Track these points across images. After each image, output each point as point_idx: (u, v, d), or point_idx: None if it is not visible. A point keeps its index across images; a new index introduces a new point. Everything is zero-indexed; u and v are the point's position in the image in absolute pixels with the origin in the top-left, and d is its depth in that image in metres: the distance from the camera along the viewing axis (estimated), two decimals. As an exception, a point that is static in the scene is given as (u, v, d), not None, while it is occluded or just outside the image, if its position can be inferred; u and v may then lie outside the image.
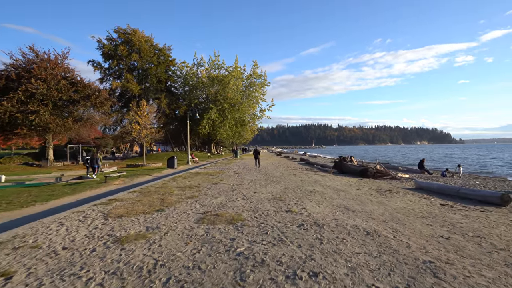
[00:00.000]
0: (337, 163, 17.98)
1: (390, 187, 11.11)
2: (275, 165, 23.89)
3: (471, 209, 6.87)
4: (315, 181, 11.46)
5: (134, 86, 38.29)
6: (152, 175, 17.69)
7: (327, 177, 13.64)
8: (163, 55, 44.29)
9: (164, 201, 7.41)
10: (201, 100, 49.97)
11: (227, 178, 12.79)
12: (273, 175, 13.70)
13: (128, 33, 40.07)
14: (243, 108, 46.16)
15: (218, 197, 7.85)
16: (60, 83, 28.29)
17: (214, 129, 44.97)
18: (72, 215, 6.18)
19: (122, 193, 9.12)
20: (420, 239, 4.08)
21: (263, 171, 16.46)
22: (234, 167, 20.13)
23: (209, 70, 45.87)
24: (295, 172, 15.98)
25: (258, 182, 11.11)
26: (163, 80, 43.88)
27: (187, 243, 4.12)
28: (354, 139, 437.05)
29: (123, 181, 15.20)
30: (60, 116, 30.09)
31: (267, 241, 4.10)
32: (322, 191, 8.58)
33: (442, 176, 17.73)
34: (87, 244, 4.18)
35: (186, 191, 9.14)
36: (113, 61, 39.24)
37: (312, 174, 15.08)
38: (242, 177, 12.90)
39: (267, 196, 7.87)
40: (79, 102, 30.76)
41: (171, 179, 13.02)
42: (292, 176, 13.51)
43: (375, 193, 8.85)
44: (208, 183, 11.05)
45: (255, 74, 47.34)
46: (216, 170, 17.33)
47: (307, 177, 13.01)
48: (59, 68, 29.64)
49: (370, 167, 15.10)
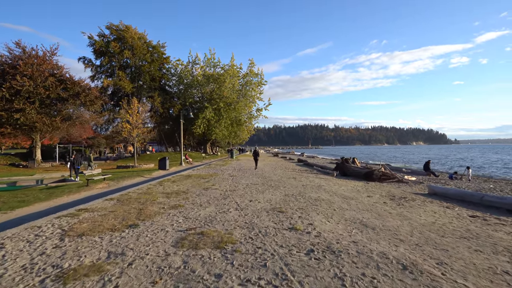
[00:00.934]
0: (339, 165, 16.87)
1: (401, 192, 9.99)
2: (272, 166, 22.73)
3: (509, 222, 5.75)
4: (318, 186, 10.31)
5: (127, 84, 36.93)
6: (141, 178, 16.46)
7: (330, 181, 12.51)
8: (156, 53, 42.96)
9: (143, 212, 6.20)
10: (196, 99, 48.64)
11: (220, 182, 11.60)
12: (271, 179, 12.54)
13: (121, 30, 38.74)
14: (239, 107, 44.92)
15: (207, 207, 6.66)
16: (48, 80, 26.96)
17: (210, 129, 43.69)
18: (23, 232, 4.95)
19: (97, 201, 7.89)
20: (480, 278, 2.93)
21: (259, 174, 15.29)
22: (229, 169, 18.95)
23: (204, 68, 44.59)
24: (295, 175, 14.83)
25: (255, 187, 9.93)
26: (157, 78, 42.54)
27: (155, 283, 2.94)
28: (350, 139, 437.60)
29: (108, 184, 13.98)
30: (48, 114, 28.73)
31: (266, 280, 2.93)
32: (329, 199, 7.42)
33: (450, 179, 16.69)
34: (15, 285, 2.97)
35: (171, 198, 7.94)
36: (104, 58, 37.83)
37: (313, 177, 13.94)
38: (237, 181, 11.72)
39: (265, 205, 6.70)
40: (68, 100, 29.42)
41: (158, 182, 11.81)
42: (292, 179, 12.36)
43: (389, 202, 7.71)
44: (199, 188, 9.85)
45: (251, 73, 46.11)
46: (209, 173, 16.13)
47: (309, 181, 11.87)
48: (47, 64, 28.28)
49: (376, 170, 14.00)
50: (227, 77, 41.99)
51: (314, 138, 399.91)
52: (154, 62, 41.77)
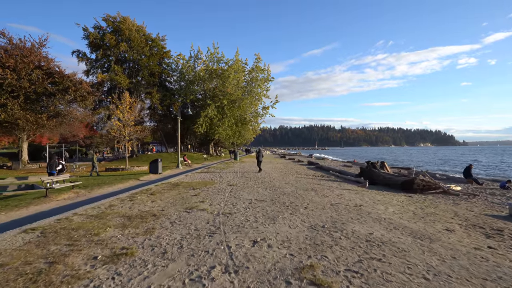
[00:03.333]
0: (365, 170, 13.70)
1: (472, 215, 6.79)
2: (281, 170, 19.62)
3: None
4: (355, 206, 7.14)
5: (123, 79, 34.16)
6: (122, 184, 13.50)
7: (364, 194, 9.32)
8: (156, 46, 40.21)
9: (48, 275, 3.17)
10: (198, 96, 45.70)
11: (213, 195, 8.53)
12: (282, 191, 9.44)
13: (118, 22, 36.04)
14: (244, 105, 41.79)
15: (174, 259, 3.59)
16: (34, 73, 24.32)
17: (212, 128, 40.68)
18: None
19: (11, 232, 4.91)
20: None
21: (267, 182, 12.19)
22: (229, 174, 15.90)
23: (207, 63, 41.62)
24: (313, 184, 11.68)
25: (261, 207, 6.84)
26: (156, 73, 39.78)
27: None
28: (357, 140, 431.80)
29: (77, 194, 11.08)
30: (34, 111, 26.12)
31: None
32: (393, 243, 4.23)
33: (502, 188, 13.41)
34: None
35: (127, 230, 4.90)
36: (99, 51, 35.11)
37: (338, 188, 10.79)
38: (237, 195, 8.63)
39: (282, 257, 3.61)
40: (55, 96, 26.78)
41: (132, 195, 8.80)
42: (312, 192, 9.22)
43: (493, 242, 4.57)
44: (180, 206, 6.81)
45: (257, 69, 42.94)
46: (205, 179, 13.09)
47: (336, 196, 8.73)
48: (34, 56, 25.56)
49: (417, 178, 10.81)
50: (232, 72, 38.96)
51: (320, 139, 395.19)
52: (153, 56, 39.01)
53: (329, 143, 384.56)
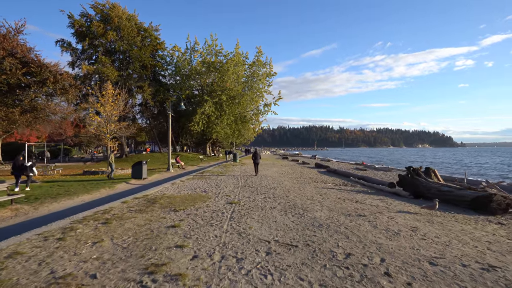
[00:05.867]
0: (406, 179, 10.44)
1: None
2: (291, 176, 16.35)
3: None
4: (476, 261, 3.93)
5: (110, 71, 30.66)
6: (87, 196, 10.17)
7: (445, 224, 6.06)
8: (149, 37, 36.79)
9: None
10: (195, 92, 42.31)
11: (202, 230, 5.18)
12: (313, 217, 6.14)
13: (107, 9, 32.60)
14: (245, 101, 38.42)
15: None
16: (6, 61, 20.95)
17: (210, 126, 37.30)
18: None
19: None
20: None
21: (281, 196, 8.89)
22: (228, 182, 12.60)
23: (204, 55, 38.26)
24: (349, 203, 8.35)
25: (295, 272, 3.57)
26: (149, 66, 36.34)
27: None
28: (355, 141, 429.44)
29: (15, 212, 7.85)
30: (6, 104, 22.83)
31: None
32: None
33: None
34: None
35: None
36: (85, 40, 31.66)
37: (388, 209, 7.52)
38: (243, 229, 5.27)
39: None
40: (31, 87, 23.47)
41: (72, 224, 5.46)
42: (365, 223, 5.75)
43: None
44: (136, 263, 3.50)
45: (259, 63, 39.61)
46: (195, 191, 9.77)
47: (406, 228, 5.41)
48: (8, 43, 22.15)
49: (498, 194, 7.60)
50: (231, 66, 35.60)
51: (319, 140, 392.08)
52: (146, 47, 35.55)
53: (327, 143, 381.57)
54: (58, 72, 24.43)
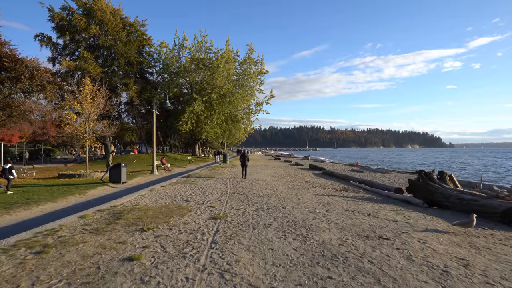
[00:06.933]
0: (417, 184, 9.21)
1: None
2: (285, 180, 15.00)
3: None
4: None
5: (93, 68, 28.71)
6: (50, 204, 8.57)
7: (494, 250, 4.81)
8: (135, 32, 34.97)
9: None
10: (183, 90, 40.63)
11: (170, 267, 3.82)
12: (321, 241, 4.79)
13: (89, 2, 30.68)
14: (236, 100, 36.93)
15: None
16: (-27, 55, 19.10)
17: (199, 125, 35.68)
18: None
19: None
20: None
21: (277, 208, 7.54)
22: (216, 188, 11.16)
23: (193, 52, 36.62)
24: (361, 217, 7.08)
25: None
26: (134, 62, 34.49)
27: None
28: (346, 141, 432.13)
29: None
30: (-25, 102, 20.92)
31: None
32: None
33: None
34: None
35: None
36: (65, 35, 29.71)
37: (412, 227, 6.26)
38: (227, 264, 3.90)
39: None
40: (3, 84, 21.59)
41: None
42: (394, 252, 4.48)
43: None
44: None
45: (250, 60, 38.20)
46: (175, 201, 8.30)
47: (424, 247, 4.18)
48: (-22, 35, 20.25)
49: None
50: (221, 62, 34.08)
51: (310, 140, 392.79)
52: (131, 43, 33.71)
53: (319, 143, 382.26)
54: (35, 68, 22.54)
